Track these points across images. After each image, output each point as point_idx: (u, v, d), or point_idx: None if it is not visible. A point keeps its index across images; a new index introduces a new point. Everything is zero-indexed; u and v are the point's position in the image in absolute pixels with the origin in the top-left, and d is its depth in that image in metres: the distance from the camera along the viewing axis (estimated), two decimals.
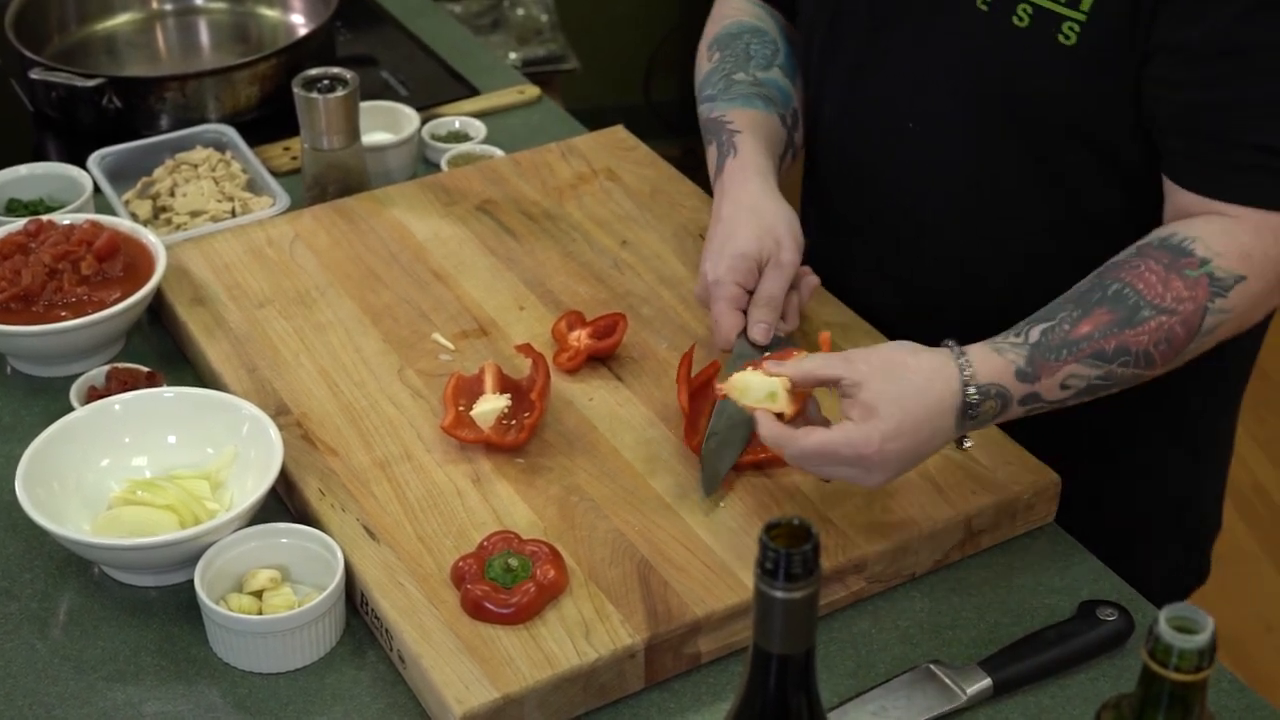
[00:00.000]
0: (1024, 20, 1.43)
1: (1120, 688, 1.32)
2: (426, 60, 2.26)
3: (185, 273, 1.71)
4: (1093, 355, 1.34)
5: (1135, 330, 1.35)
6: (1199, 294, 1.35)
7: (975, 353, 1.35)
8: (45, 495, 1.40)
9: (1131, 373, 1.36)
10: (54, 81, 2.03)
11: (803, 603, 0.94)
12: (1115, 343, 1.35)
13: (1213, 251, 1.36)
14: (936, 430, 1.33)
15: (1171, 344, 1.36)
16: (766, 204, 1.56)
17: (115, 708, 1.31)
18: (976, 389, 1.33)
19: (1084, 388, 1.36)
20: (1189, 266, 1.36)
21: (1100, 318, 1.35)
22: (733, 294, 1.52)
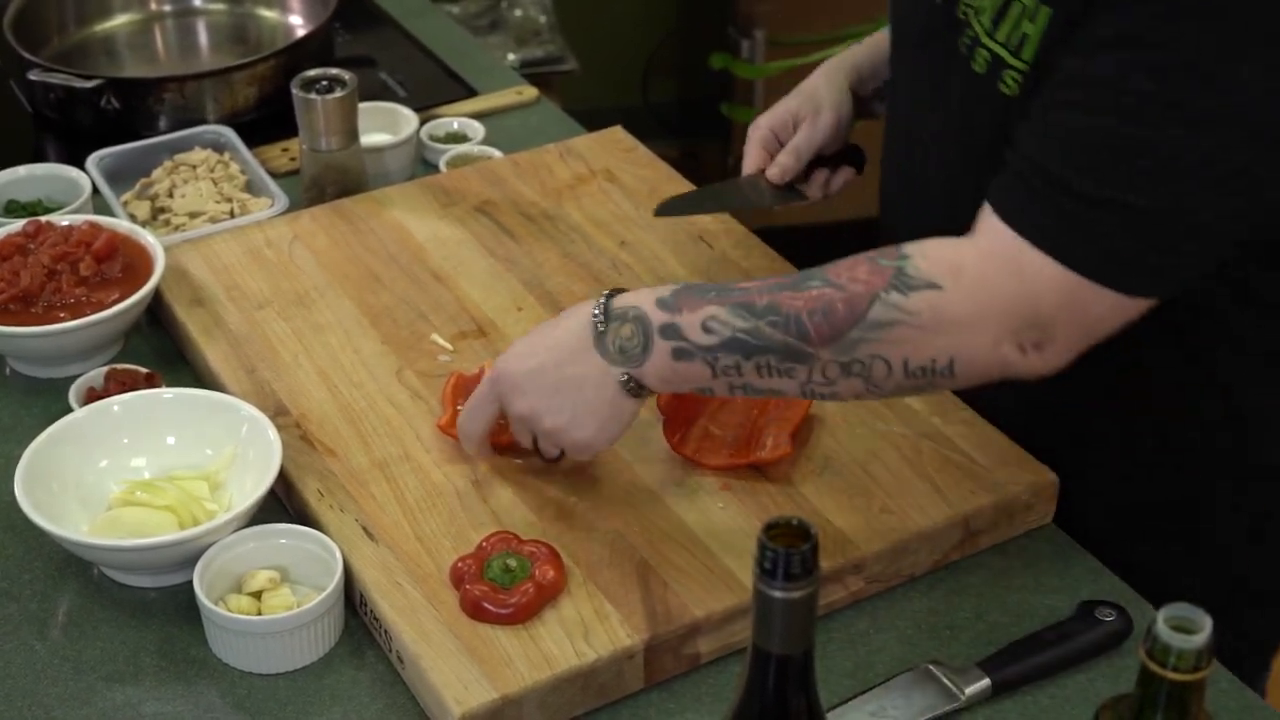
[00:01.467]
0: (982, 68, 1.37)
1: (1119, 688, 1.32)
2: (425, 61, 2.26)
3: (184, 274, 1.71)
4: (741, 304, 1.30)
5: (794, 294, 1.28)
6: (876, 280, 1.26)
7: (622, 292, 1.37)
8: (44, 496, 1.40)
9: (782, 339, 1.27)
10: (53, 83, 2.03)
11: (802, 603, 0.94)
12: (768, 299, 1.29)
13: (921, 253, 1.27)
14: (574, 351, 1.35)
15: (829, 318, 1.26)
16: (823, 80, 1.69)
17: (114, 708, 1.31)
18: (605, 306, 1.34)
19: (729, 339, 1.29)
20: (885, 256, 1.28)
21: (775, 279, 1.32)
22: (763, 136, 1.67)
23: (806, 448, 1.48)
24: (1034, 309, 1.25)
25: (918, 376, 1.28)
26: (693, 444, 1.47)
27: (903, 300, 1.26)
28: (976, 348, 1.27)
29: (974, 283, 1.26)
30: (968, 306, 1.26)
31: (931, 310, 1.26)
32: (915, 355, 1.27)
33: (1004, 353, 1.27)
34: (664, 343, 1.32)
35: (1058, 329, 1.26)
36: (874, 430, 1.50)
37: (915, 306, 1.25)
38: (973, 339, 1.26)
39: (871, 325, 1.26)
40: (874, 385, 1.29)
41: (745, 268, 1.72)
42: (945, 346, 1.26)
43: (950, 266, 1.26)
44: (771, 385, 1.31)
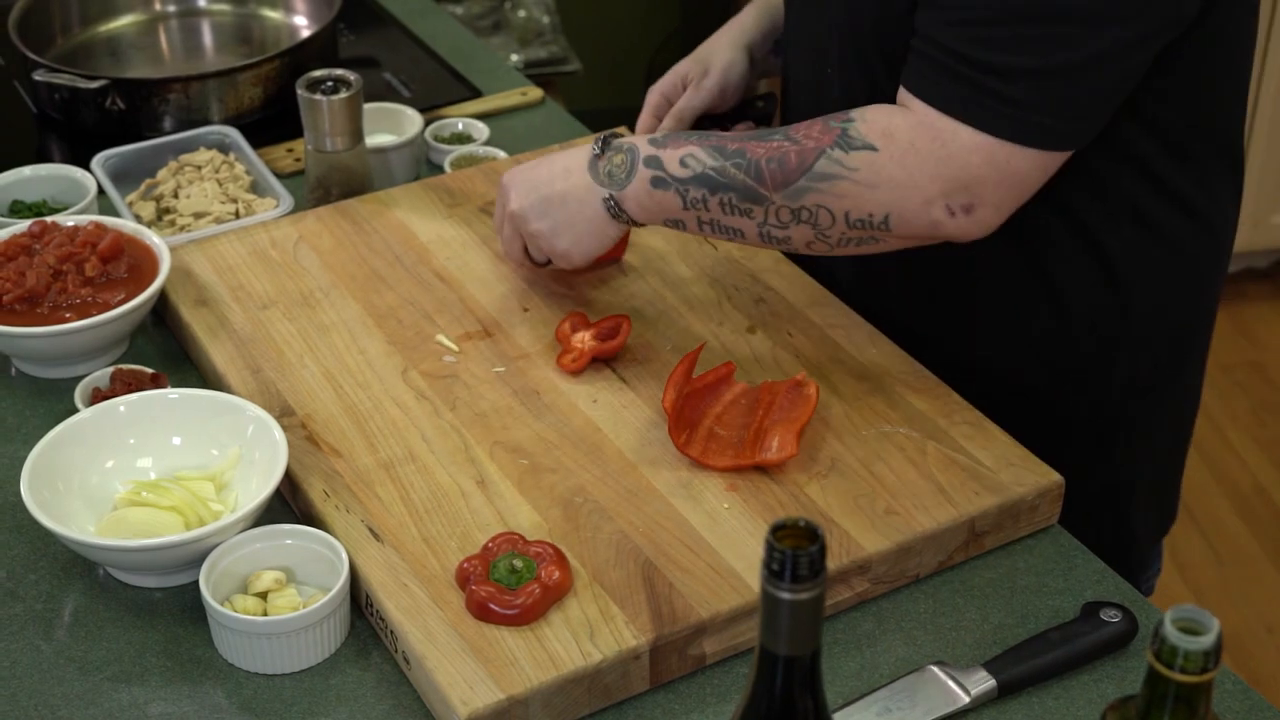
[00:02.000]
0: None
1: (1124, 689, 1.32)
2: (429, 62, 2.26)
3: (189, 274, 1.71)
4: (715, 146, 1.46)
5: (759, 143, 1.45)
6: (825, 138, 1.42)
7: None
8: (50, 496, 1.40)
9: (742, 179, 1.44)
10: (57, 83, 2.03)
11: (809, 604, 0.94)
12: (738, 145, 1.46)
13: (864, 118, 1.42)
14: (569, 170, 1.55)
15: (782, 166, 1.42)
16: (716, 42, 1.80)
17: (120, 708, 1.32)
18: (605, 139, 1.54)
19: (700, 174, 1.46)
20: (835, 119, 1.44)
21: (748, 132, 1.49)
22: (654, 102, 1.80)
23: (812, 449, 1.48)
24: (960, 173, 1.39)
25: (859, 228, 1.43)
26: (698, 445, 1.47)
27: (844, 157, 1.41)
28: (908, 206, 1.41)
29: (904, 148, 1.40)
30: (899, 169, 1.40)
31: (869, 168, 1.41)
32: (855, 209, 1.42)
33: (934, 214, 1.41)
34: (646, 170, 1.49)
35: (985, 190, 1.40)
36: (879, 432, 1.50)
37: (854, 163, 1.41)
38: (905, 197, 1.41)
39: (816, 176, 1.42)
40: (821, 234, 1.45)
41: (750, 269, 1.72)
42: (881, 202, 1.41)
43: (884, 130, 1.41)
44: (733, 223, 1.47)
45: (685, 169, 1.47)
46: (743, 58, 1.79)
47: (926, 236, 1.44)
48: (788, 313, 1.66)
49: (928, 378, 1.57)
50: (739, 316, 1.66)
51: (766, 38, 1.81)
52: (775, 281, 1.70)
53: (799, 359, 1.60)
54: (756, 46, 1.80)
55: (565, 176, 1.55)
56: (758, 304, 1.67)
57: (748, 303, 1.67)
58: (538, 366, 1.59)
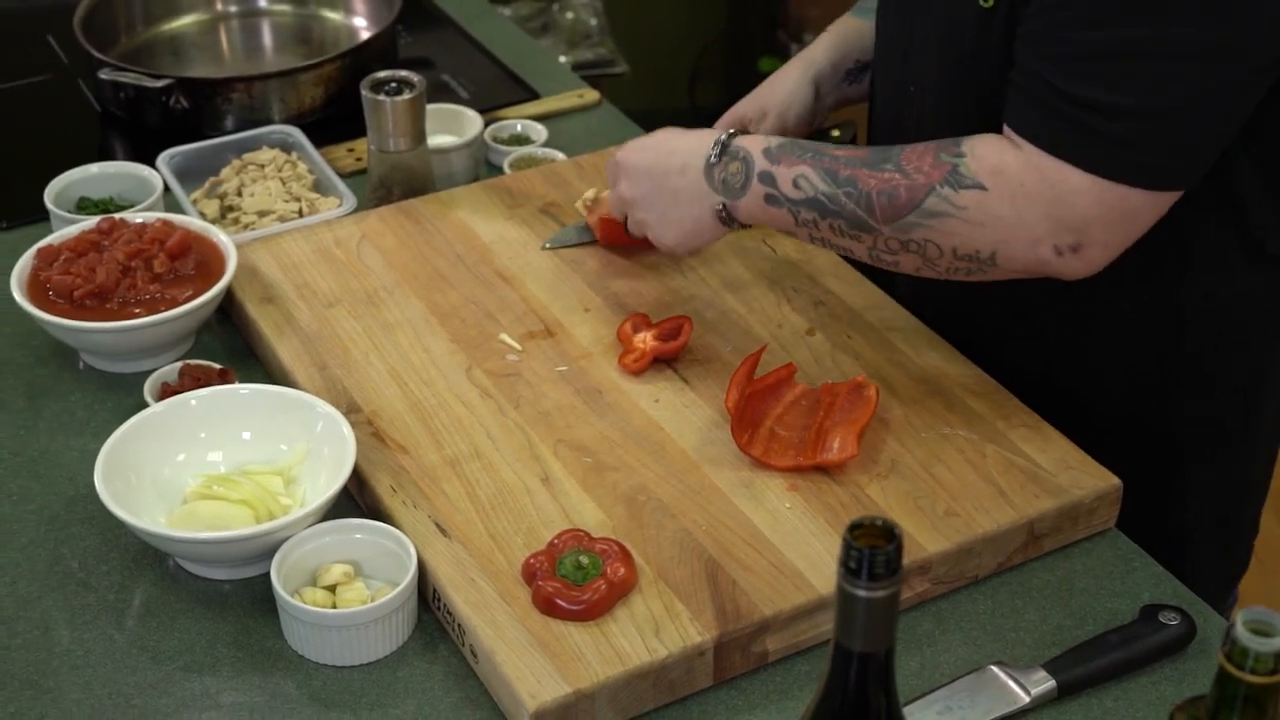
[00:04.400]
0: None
1: (1183, 691, 1.33)
2: (486, 63, 2.28)
3: (254, 272, 1.74)
4: (827, 169, 1.47)
5: (872, 172, 1.45)
6: (936, 174, 1.42)
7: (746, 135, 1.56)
8: (123, 488, 1.43)
9: (853, 210, 1.45)
10: (122, 82, 2.06)
11: (885, 601, 0.96)
12: (850, 172, 1.45)
13: (974, 154, 1.41)
14: (685, 167, 1.56)
15: (892, 201, 1.43)
16: (779, 82, 1.78)
17: (193, 698, 1.34)
18: (725, 142, 1.54)
19: (811, 198, 1.47)
20: (946, 151, 1.43)
21: (857, 153, 1.48)
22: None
23: (872, 450, 1.50)
24: (1068, 214, 1.38)
25: (966, 260, 1.44)
26: (760, 445, 1.49)
27: (953, 195, 1.41)
28: (1015, 245, 1.40)
29: (1013, 189, 1.39)
30: (1008, 209, 1.39)
31: (977, 207, 1.40)
32: (962, 245, 1.42)
33: (1041, 253, 1.40)
34: (760, 187, 1.50)
35: (1095, 231, 1.38)
36: (939, 434, 1.52)
37: (963, 202, 1.40)
38: (1012, 237, 1.40)
39: (926, 213, 1.42)
40: (929, 262, 1.45)
41: (808, 271, 1.73)
42: (988, 240, 1.41)
43: (994, 168, 1.40)
44: (844, 244, 1.49)
45: (797, 190, 1.48)
46: (806, 92, 1.78)
47: (1032, 272, 1.43)
48: (847, 315, 1.67)
49: (986, 381, 1.58)
50: (798, 319, 1.67)
51: (837, 69, 1.78)
52: (834, 285, 1.72)
53: (858, 361, 1.61)
54: (825, 79, 1.78)
55: (681, 173, 1.56)
56: (817, 306, 1.69)
57: (807, 305, 1.69)
58: (600, 366, 1.61)
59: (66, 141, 2.13)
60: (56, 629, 1.40)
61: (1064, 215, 1.38)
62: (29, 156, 2.09)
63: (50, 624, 1.40)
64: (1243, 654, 0.97)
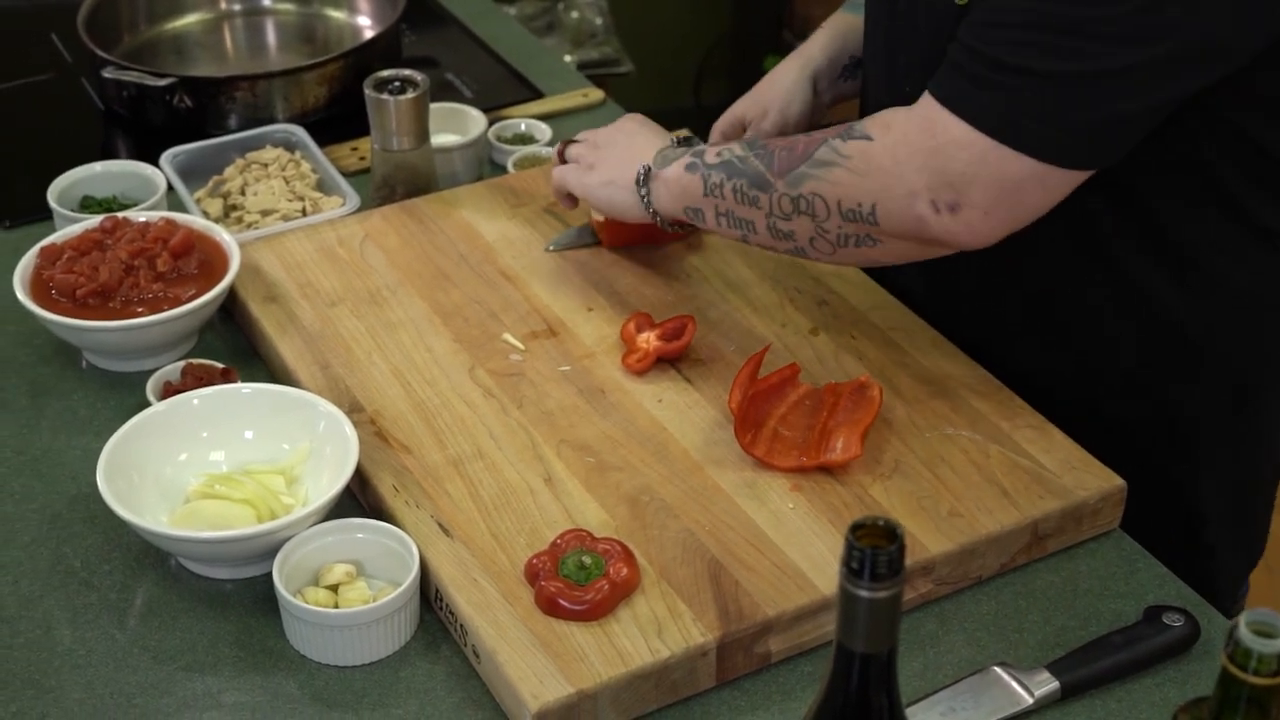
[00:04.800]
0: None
1: (1187, 693, 1.33)
2: (490, 63, 2.28)
3: (257, 271, 1.73)
4: (749, 141, 1.53)
5: (784, 138, 1.50)
6: (832, 131, 1.46)
7: None
8: (125, 488, 1.43)
9: (755, 166, 1.49)
10: (126, 80, 2.05)
11: (887, 602, 0.95)
12: (767, 140, 1.51)
13: (874, 114, 1.45)
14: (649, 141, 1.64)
15: (790, 153, 1.47)
16: (778, 78, 1.80)
17: (194, 697, 1.34)
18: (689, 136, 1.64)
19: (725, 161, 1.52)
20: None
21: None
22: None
23: (875, 450, 1.49)
24: (946, 166, 1.37)
25: (851, 220, 1.44)
26: (763, 445, 1.49)
27: (841, 145, 1.43)
28: (894, 197, 1.40)
29: (896, 138, 1.40)
30: (888, 157, 1.40)
31: (861, 156, 1.42)
32: (845, 197, 1.43)
33: (919, 208, 1.39)
34: (688, 158, 1.56)
35: (973, 191, 1.37)
36: (942, 434, 1.52)
37: (849, 151, 1.43)
38: (890, 186, 1.40)
39: (815, 163, 1.45)
40: (820, 227, 1.46)
41: (812, 272, 1.73)
42: (868, 190, 1.42)
43: (883, 122, 1.43)
44: (744, 214, 1.50)
45: (717, 158, 1.53)
46: (804, 90, 1.78)
47: (914, 235, 1.42)
48: (850, 316, 1.67)
49: (990, 381, 1.58)
50: (802, 319, 1.67)
51: (834, 64, 1.79)
52: (838, 285, 1.71)
53: (862, 361, 1.61)
54: (822, 75, 1.79)
55: (646, 140, 1.64)
56: (820, 306, 1.68)
57: (810, 305, 1.69)
58: (603, 366, 1.61)
59: (70, 140, 2.13)
60: (58, 628, 1.40)
61: (942, 167, 1.37)
62: (32, 155, 2.09)
63: (52, 623, 1.40)
64: (1246, 655, 0.97)
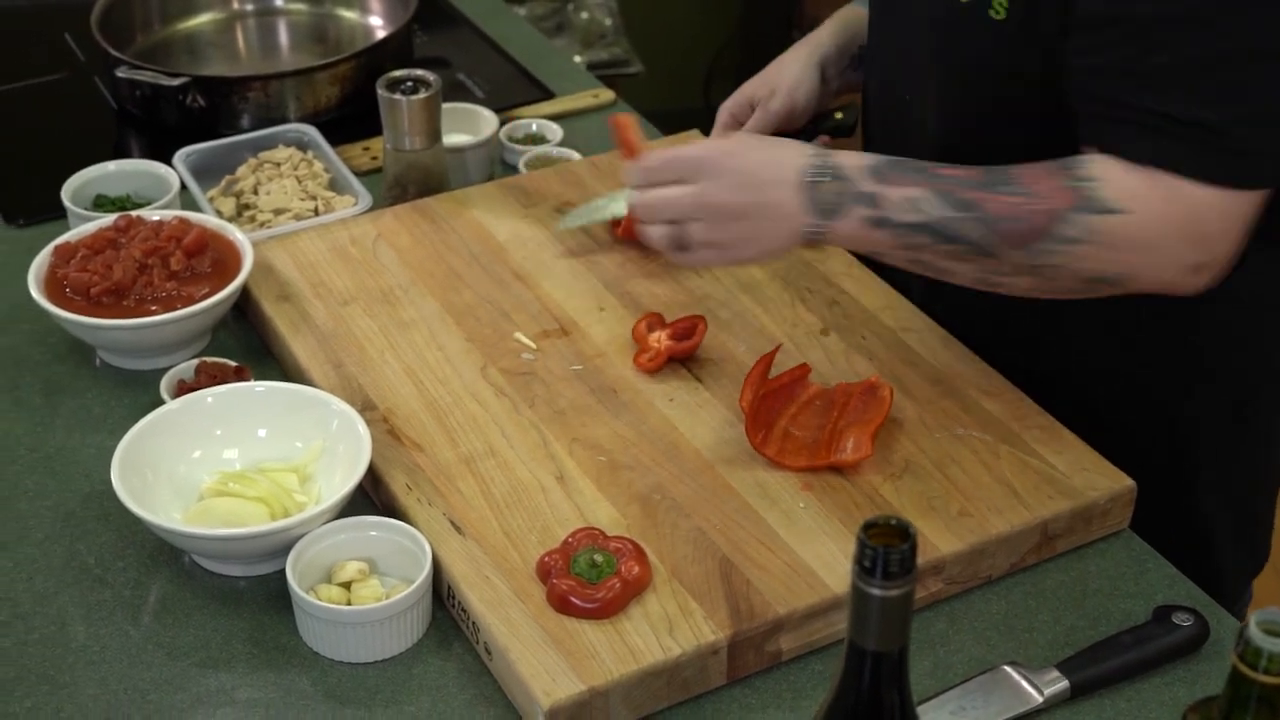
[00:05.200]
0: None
1: (1196, 693, 1.34)
2: (502, 63, 2.29)
3: (270, 270, 1.74)
4: (943, 192, 1.38)
5: (994, 195, 1.38)
6: (1068, 198, 1.37)
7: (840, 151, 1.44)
8: (139, 485, 1.43)
9: (977, 235, 1.37)
10: (139, 80, 2.06)
11: (899, 600, 0.96)
12: (970, 195, 1.38)
13: (1104, 178, 1.37)
14: (779, 182, 1.41)
15: (1020, 225, 1.37)
16: (787, 60, 1.79)
17: (208, 693, 1.34)
18: (819, 159, 1.41)
19: (926, 222, 1.38)
20: (1072, 176, 1.38)
21: (971, 172, 1.40)
22: (723, 121, 1.82)
23: (886, 450, 1.50)
24: (1200, 229, 1.37)
25: (1090, 283, 1.40)
26: (775, 444, 1.49)
27: (1089, 220, 1.36)
28: (1150, 268, 1.39)
29: (1152, 215, 1.36)
30: (1146, 234, 1.37)
31: (1116, 235, 1.37)
32: (1093, 270, 1.39)
33: (1175, 276, 1.39)
34: (862, 210, 1.40)
35: (1219, 246, 1.38)
36: (953, 434, 1.52)
37: (1100, 228, 1.37)
38: (1150, 261, 1.38)
39: (1061, 239, 1.37)
40: (1043, 282, 1.41)
41: (823, 271, 1.74)
42: (1123, 264, 1.38)
43: (1129, 192, 1.37)
44: (949, 266, 1.42)
45: (912, 214, 1.39)
46: (813, 75, 1.78)
47: (1158, 292, 1.42)
48: (861, 316, 1.67)
49: (1000, 382, 1.59)
50: (812, 319, 1.68)
51: (843, 53, 1.79)
52: (848, 285, 1.72)
53: (872, 362, 1.62)
54: (831, 62, 1.79)
55: (775, 186, 1.41)
56: (831, 307, 1.69)
57: (821, 305, 1.69)
58: (614, 365, 1.61)
59: (83, 139, 2.13)
60: (72, 624, 1.40)
61: (1196, 235, 1.37)
62: (45, 154, 2.10)
63: (66, 619, 1.41)
64: (1256, 654, 0.97)
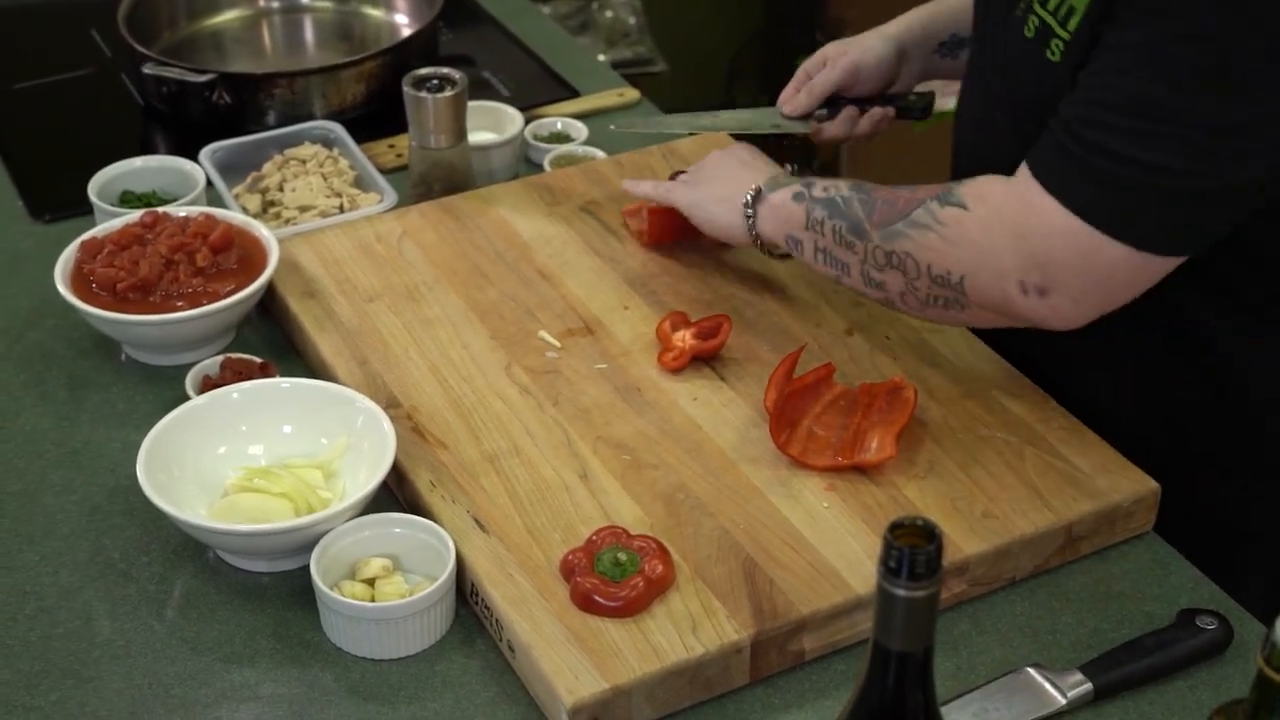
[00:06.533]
0: (1031, 33, 1.44)
1: (1220, 696, 1.33)
2: (526, 61, 2.29)
3: (296, 266, 1.74)
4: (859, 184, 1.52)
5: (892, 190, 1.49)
6: (923, 194, 1.45)
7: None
8: (165, 480, 1.44)
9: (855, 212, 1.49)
10: (166, 76, 2.07)
11: (924, 601, 0.96)
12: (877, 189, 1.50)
13: (973, 180, 1.44)
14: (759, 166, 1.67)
15: (889, 207, 1.47)
16: (868, 32, 1.82)
17: (232, 689, 1.35)
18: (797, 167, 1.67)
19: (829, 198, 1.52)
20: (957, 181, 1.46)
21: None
22: (799, 75, 1.84)
23: (910, 451, 1.50)
24: (1038, 249, 1.37)
25: (940, 285, 1.44)
26: (798, 444, 1.49)
27: (937, 210, 1.43)
28: (983, 272, 1.41)
29: (990, 213, 1.40)
30: (980, 231, 1.40)
31: (954, 225, 1.42)
32: (936, 263, 1.43)
33: (1007, 287, 1.40)
34: (796, 186, 1.57)
35: (1065, 277, 1.37)
36: (976, 435, 1.52)
37: (944, 218, 1.43)
38: (981, 263, 1.41)
39: (911, 223, 1.45)
40: (911, 284, 1.46)
41: None
42: (958, 260, 1.42)
43: (979, 193, 1.42)
44: (841, 255, 1.51)
45: (824, 193, 1.53)
46: (887, 46, 1.79)
47: (1000, 311, 1.42)
48: (885, 316, 1.67)
49: (1024, 383, 1.58)
50: (837, 319, 1.68)
51: (929, 35, 1.79)
52: None
53: (896, 362, 1.61)
54: (913, 41, 1.79)
55: (754, 164, 1.68)
56: (855, 307, 1.69)
57: (845, 305, 1.69)
58: (638, 364, 1.61)
59: (110, 135, 2.14)
60: (98, 619, 1.41)
61: (1033, 250, 1.36)
62: (72, 150, 2.10)
63: (91, 614, 1.42)
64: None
